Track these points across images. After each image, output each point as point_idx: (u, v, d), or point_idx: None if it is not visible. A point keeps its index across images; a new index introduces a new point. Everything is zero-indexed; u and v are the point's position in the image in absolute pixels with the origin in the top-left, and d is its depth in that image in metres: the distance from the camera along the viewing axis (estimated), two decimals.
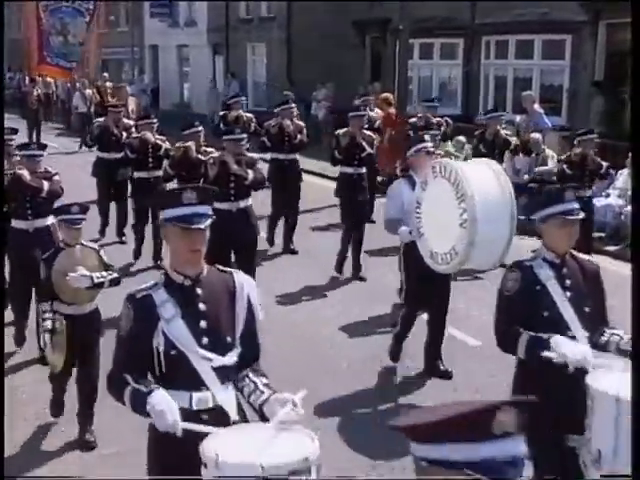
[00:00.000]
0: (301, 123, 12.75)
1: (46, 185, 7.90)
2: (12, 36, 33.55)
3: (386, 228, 7.36)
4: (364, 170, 10.79)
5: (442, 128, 13.35)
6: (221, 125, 14.28)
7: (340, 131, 10.67)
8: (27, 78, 27.82)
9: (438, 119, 13.66)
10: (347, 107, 20.11)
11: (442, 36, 20.93)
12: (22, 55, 36.07)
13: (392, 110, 16.77)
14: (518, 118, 14.97)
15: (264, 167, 9.92)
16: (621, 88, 16.39)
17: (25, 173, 7.84)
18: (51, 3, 23.62)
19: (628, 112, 16.43)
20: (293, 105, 12.89)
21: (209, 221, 3.56)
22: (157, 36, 31.97)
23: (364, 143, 10.49)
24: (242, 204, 8.42)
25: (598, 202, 12.26)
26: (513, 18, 18.46)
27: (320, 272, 10.46)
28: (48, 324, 5.98)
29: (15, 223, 7.96)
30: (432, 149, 7.34)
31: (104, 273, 6.05)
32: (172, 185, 9.83)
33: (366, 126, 11.45)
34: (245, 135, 8.80)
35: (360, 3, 22.60)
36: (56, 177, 8.07)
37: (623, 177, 12.35)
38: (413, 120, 13.80)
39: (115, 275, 6.12)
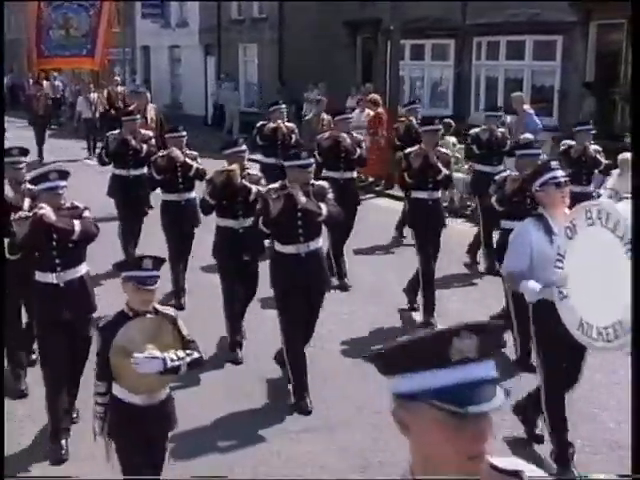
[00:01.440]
0: (359, 136, 11.36)
1: (77, 225, 6.15)
2: (11, 36, 33.40)
3: (507, 281, 6.29)
4: (439, 194, 9.52)
5: (507, 143, 11.58)
6: (258, 139, 12.33)
7: (410, 150, 9.28)
8: (30, 80, 27.18)
9: (502, 130, 11.98)
10: (339, 108, 20.28)
11: (433, 37, 20.96)
12: (21, 55, 35.92)
13: (380, 110, 16.81)
14: (509, 119, 14.99)
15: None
16: (612, 89, 16.45)
17: (48, 212, 6.02)
18: (56, 3, 22.31)
19: (619, 113, 16.51)
20: (350, 116, 11.45)
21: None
22: (149, 37, 31.92)
23: (439, 163, 9.08)
24: (312, 245, 6.96)
25: None
26: (504, 19, 18.50)
27: None
28: (100, 410, 4.85)
29: (40, 276, 6.24)
30: (563, 179, 5.81)
31: (181, 353, 4.66)
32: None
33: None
34: (313, 161, 7.15)
35: (351, 3, 22.61)
36: (86, 213, 6.31)
37: (613, 177, 12.36)
38: (475, 131, 11.64)
39: (196, 355, 4.73)
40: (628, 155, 12.31)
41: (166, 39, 30.89)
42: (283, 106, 12.44)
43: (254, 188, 7.77)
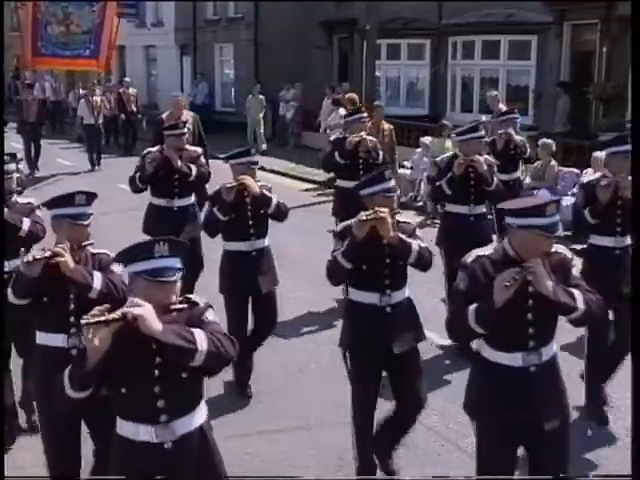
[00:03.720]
0: (489, 158, 8.26)
1: (97, 281, 4.63)
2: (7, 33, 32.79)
3: None
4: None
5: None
6: (336, 156, 9.15)
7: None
8: (22, 82, 24.99)
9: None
10: (315, 107, 20.32)
11: (409, 37, 21.03)
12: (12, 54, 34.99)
13: None
14: (484, 118, 15.03)
15: None
16: (586, 88, 16.56)
17: (68, 258, 4.59)
18: None
19: (593, 112, 16.63)
20: (481, 134, 8.11)
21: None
22: (124, 36, 31.73)
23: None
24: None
25: (564, 201, 12.34)
26: (479, 19, 18.60)
27: (292, 269, 10.43)
28: None
29: (45, 339, 4.73)
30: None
31: None
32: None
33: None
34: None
35: (327, 3, 22.64)
36: (115, 267, 4.63)
37: (588, 176, 12.43)
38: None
39: None
40: (601, 154, 12.41)
41: (141, 39, 30.73)
42: (364, 114, 9.52)
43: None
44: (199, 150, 8.75)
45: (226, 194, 6.59)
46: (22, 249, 5.93)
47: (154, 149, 8.39)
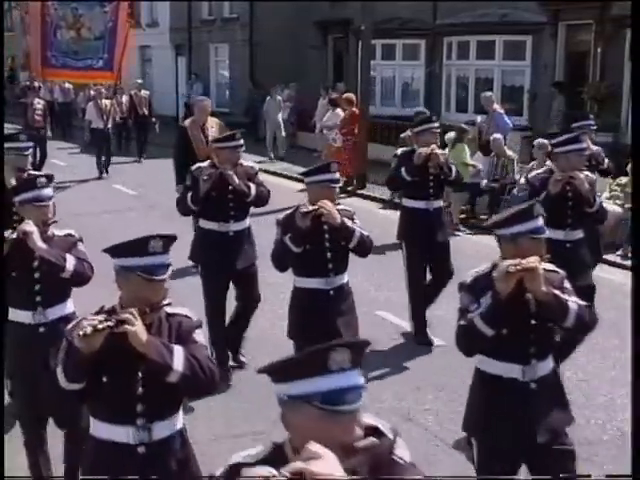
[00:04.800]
0: (591, 175, 7.21)
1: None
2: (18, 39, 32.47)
3: None
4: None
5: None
6: (403, 172, 7.88)
7: (540, 171, 7.46)
8: (27, 83, 24.18)
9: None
10: (310, 108, 20.32)
11: (404, 37, 21.04)
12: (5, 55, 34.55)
13: (354, 110, 16.85)
14: (479, 118, 15.06)
15: None
16: (581, 88, 16.58)
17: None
18: None
19: (588, 112, 16.63)
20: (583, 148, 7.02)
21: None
22: None
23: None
24: None
25: None
26: (474, 19, 18.61)
27: None
28: None
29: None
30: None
31: None
32: None
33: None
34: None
35: (322, 3, 22.65)
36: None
37: (533, 172, 12.45)
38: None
39: None
40: (542, 141, 12.38)
41: (136, 39, 30.68)
42: (435, 124, 8.11)
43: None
44: (256, 166, 7.50)
45: (301, 220, 5.51)
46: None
47: (205, 164, 7.16)
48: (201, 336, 3.67)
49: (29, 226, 4.78)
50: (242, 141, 7.18)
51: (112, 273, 3.70)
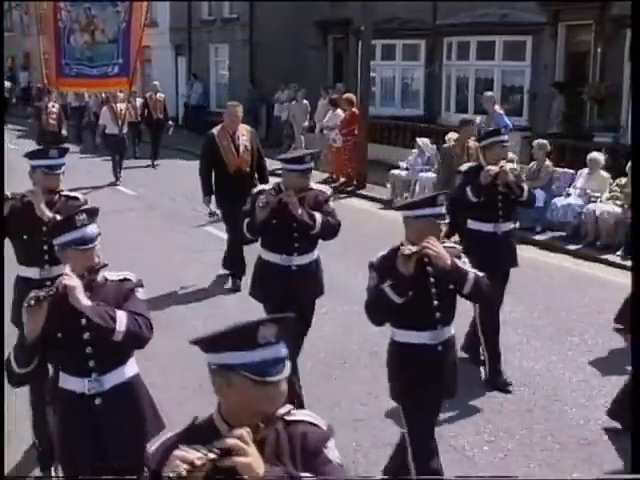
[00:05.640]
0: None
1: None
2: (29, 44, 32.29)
3: None
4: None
5: None
6: (468, 192, 6.92)
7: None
8: (38, 87, 23.20)
9: None
10: (310, 108, 20.32)
11: (404, 37, 21.04)
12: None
13: (355, 110, 16.87)
14: (479, 119, 15.06)
15: None
16: (581, 89, 16.58)
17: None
18: None
19: (587, 112, 16.65)
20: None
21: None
22: None
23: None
24: None
25: (558, 201, 12.38)
26: (474, 19, 18.61)
27: None
28: None
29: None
30: None
31: None
32: None
33: None
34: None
35: (322, 4, 22.65)
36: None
37: (583, 177, 12.48)
38: None
39: None
40: (597, 155, 12.46)
41: None
42: (505, 137, 7.28)
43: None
44: (328, 191, 6.50)
45: (403, 265, 4.50)
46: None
47: (267, 187, 6.39)
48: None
49: (71, 279, 3.88)
50: (312, 164, 6.29)
51: None
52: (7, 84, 34.74)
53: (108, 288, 4.08)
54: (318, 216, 6.10)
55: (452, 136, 14.56)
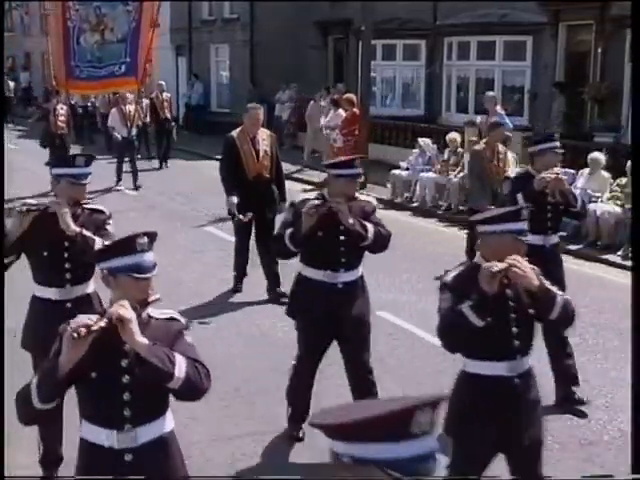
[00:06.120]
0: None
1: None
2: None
3: None
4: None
5: None
6: (521, 201, 6.24)
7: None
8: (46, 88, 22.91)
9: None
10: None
11: (404, 37, 21.04)
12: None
13: (355, 110, 16.87)
14: (479, 119, 15.05)
15: None
16: (581, 89, 16.58)
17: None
18: None
19: (588, 112, 16.65)
20: None
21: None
22: None
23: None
24: None
25: None
26: (474, 19, 18.61)
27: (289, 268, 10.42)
28: None
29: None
30: None
31: None
32: None
33: None
34: None
35: (322, 4, 22.65)
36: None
37: (583, 177, 12.47)
38: None
39: None
40: (597, 155, 12.45)
41: None
42: (557, 143, 6.87)
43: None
44: (373, 201, 6.14)
45: (487, 283, 3.96)
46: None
47: (313, 195, 5.86)
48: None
49: (127, 310, 3.34)
50: (361, 169, 5.83)
51: None
52: (11, 84, 34.71)
53: (155, 327, 3.52)
54: (370, 226, 5.58)
55: (453, 136, 14.60)
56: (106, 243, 4.22)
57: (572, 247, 11.80)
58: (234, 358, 7.63)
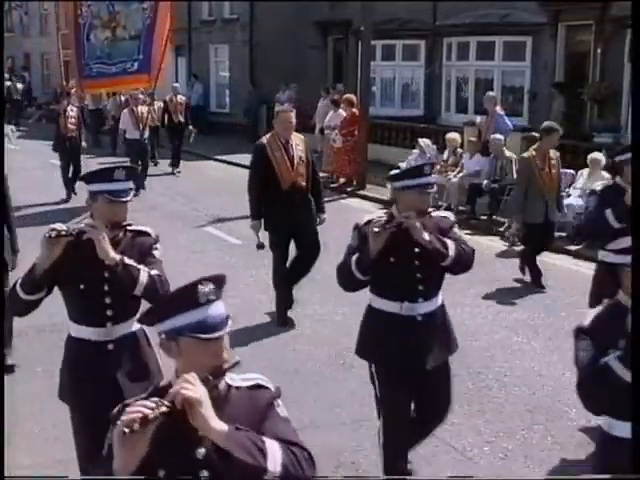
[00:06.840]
0: None
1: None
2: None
3: None
4: None
5: None
6: (610, 218, 5.85)
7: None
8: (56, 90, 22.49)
9: None
10: (310, 108, 20.31)
11: (404, 37, 21.06)
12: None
13: (355, 110, 16.88)
14: (479, 119, 15.07)
15: None
16: (581, 89, 16.60)
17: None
18: None
19: (587, 112, 16.66)
20: None
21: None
22: None
23: None
24: None
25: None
26: (474, 20, 18.62)
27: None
28: None
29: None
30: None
31: None
32: None
33: None
34: None
35: (321, 4, 22.67)
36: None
37: (583, 177, 12.48)
38: None
39: None
40: (597, 155, 12.45)
41: None
42: None
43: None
44: (451, 216, 5.10)
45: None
46: None
47: (378, 214, 5.02)
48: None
49: (194, 389, 2.48)
50: (434, 177, 5.08)
51: None
52: (19, 86, 34.42)
53: (237, 400, 2.70)
54: (450, 242, 4.77)
55: (452, 136, 14.61)
56: (156, 297, 4.00)
57: (572, 247, 11.82)
58: None
